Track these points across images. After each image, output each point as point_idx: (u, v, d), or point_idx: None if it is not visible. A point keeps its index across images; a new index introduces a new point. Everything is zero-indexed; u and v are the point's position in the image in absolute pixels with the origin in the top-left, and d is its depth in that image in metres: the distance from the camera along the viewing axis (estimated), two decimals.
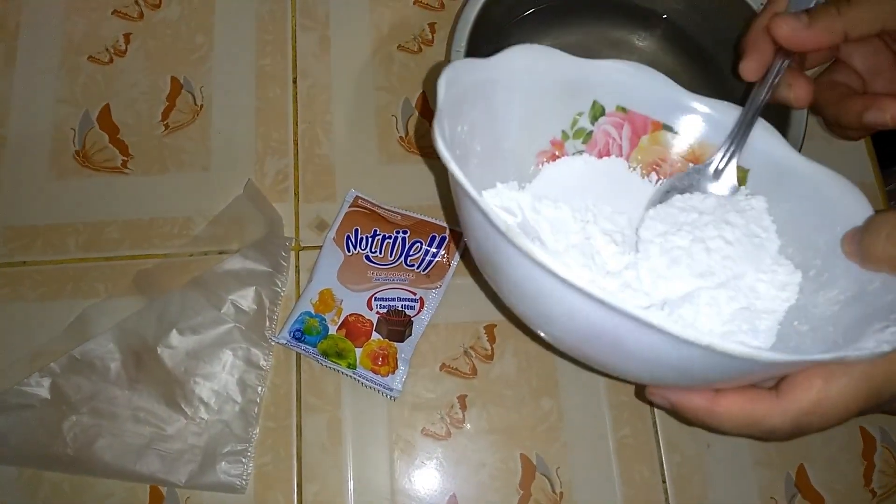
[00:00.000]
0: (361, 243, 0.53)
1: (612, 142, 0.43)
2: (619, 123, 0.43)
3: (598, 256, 0.40)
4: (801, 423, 0.31)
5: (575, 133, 0.43)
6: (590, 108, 0.42)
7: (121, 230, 0.55)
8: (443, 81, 0.36)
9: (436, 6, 0.63)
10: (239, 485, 0.49)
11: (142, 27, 0.61)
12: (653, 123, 0.42)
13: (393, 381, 0.50)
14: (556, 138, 0.43)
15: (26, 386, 0.49)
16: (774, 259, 0.39)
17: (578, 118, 0.42)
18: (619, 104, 0.42)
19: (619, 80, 0.41)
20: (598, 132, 0.43)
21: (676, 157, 0.42)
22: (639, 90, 0.41)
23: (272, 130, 0.58)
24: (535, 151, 0.43)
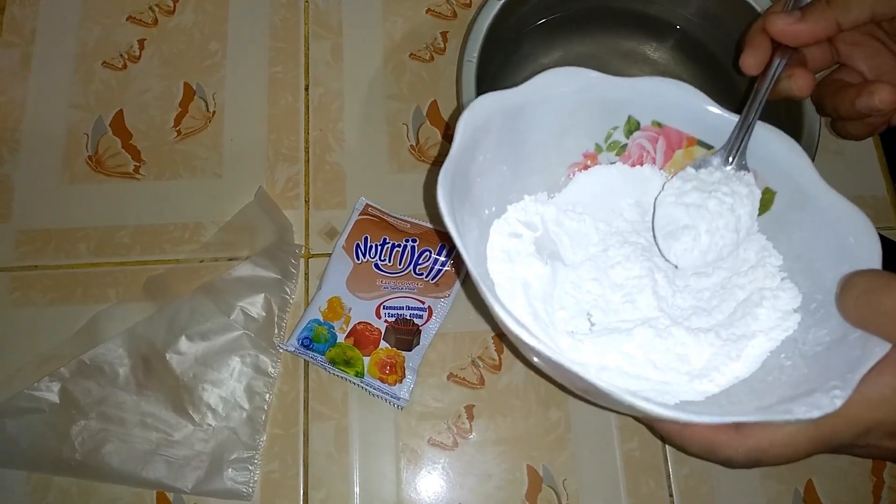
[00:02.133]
0: (371, 251, 0.53)
1: (645, 154, 0.43)
2: (654, 137, 0.43)
3: (612, 270, 0.40)
4: (753, 458, 0.33)
5: (609, 146, 0.43)
6: (625, 122, 0.42)
7: (132, 235, 0.56)
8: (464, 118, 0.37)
9: (448, 15, 0.63)
10: (245, 492, 0.49)
11: (156, 33, 0.62)
12: (687, 139, 0.42)
13: (400, 389, 0.50)
14: (589, 151, 0.43)
15: (36, 390, 0.50)
16: (780, 284, 0.39)
17: (613, 132, 0.43)
18: (655, 119, 0.42)
19: (655, 97, 0.41)
20: (633, 145, 0.43)
21: None
22: (675, 106, 0.41)
23: (284, 137, 0.59)
24: (568, 164, 0.43)
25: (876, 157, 0.59)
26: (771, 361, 0.37)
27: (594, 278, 0.40)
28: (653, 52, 0.60)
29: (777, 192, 0.40)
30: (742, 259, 0.41)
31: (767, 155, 0.40)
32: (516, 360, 0.53)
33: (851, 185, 0.58)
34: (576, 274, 0.41)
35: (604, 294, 0.40)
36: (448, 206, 0.34)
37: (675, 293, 0.41)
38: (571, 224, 0.42)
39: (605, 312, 0.40)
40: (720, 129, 0.41)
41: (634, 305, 0.40)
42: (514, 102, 0.39)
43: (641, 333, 0.38)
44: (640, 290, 0.40)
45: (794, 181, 0.39)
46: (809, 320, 0.37)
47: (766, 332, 0.38)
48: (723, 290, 0.41)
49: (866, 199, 0.58)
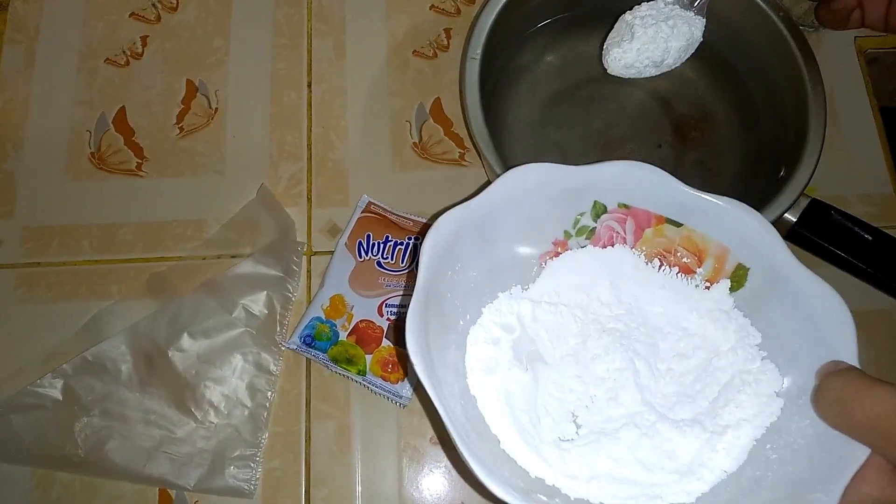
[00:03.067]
0: (373, 249, 0.53)
1: (615, 235, 0.43)
2: (622, 219, 0.42)
3: (593, 364, 0.40)
4: None
5: (577, 231, 0.43)
6: (591, 207, 0.42)
7: (135, 232, 0.56)
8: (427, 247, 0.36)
9: (452, 12, 0.63)
10: (247, 489, 0.49)
11: (159, 30, 0.62)
12: (656, 217, 0.42)
13: (402, 388, 0.50)
14: (559, 239, 0.43)
15: (39, 387, 0.50)
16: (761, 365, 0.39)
17: (580, 217, 0.42)
18: (621, 201, 0.42)
19: (619, 181, 0.41)
20: (602, 228, 0.43)
21: (681, 249, 0.42)
22: (639, 188, 0.41)
23: (286, 135, 0.59)
24: (538, 254, 0.43)
25: (882, 155, 0.59)
26: (757, 453, 0.37)
27: (576, 375, 0.40)
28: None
29: (750, 269, 0.40)
30: (721, 339, 0.41)
31: (740, 232, 0.39)
32: None
33: (857, 183, 0.58)
34: (557, 373, 0.40)
35: (587, 391, 0.40)
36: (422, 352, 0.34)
37: (658, 379, 0.41)
38: (548, 317, 0.41)
39: (590, 411, 0.40)
40: (687, 205, 0.40)
41: (618, 402, 0.40)
42: (477, 213, 0.39)
43: (628, 434, 0.38)
44: (623, 384, 0.40)
45: (767, 259, 0.39)
46: (792, 407, 0.36)
47: (750, 420, 0.37)
48: (704, 373, 0.40)
49: (872, 196, 0.57)
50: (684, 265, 0.42)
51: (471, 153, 0.58)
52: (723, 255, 0.41)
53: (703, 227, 0.41)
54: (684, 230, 0.41)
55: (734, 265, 0.40)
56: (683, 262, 0.42)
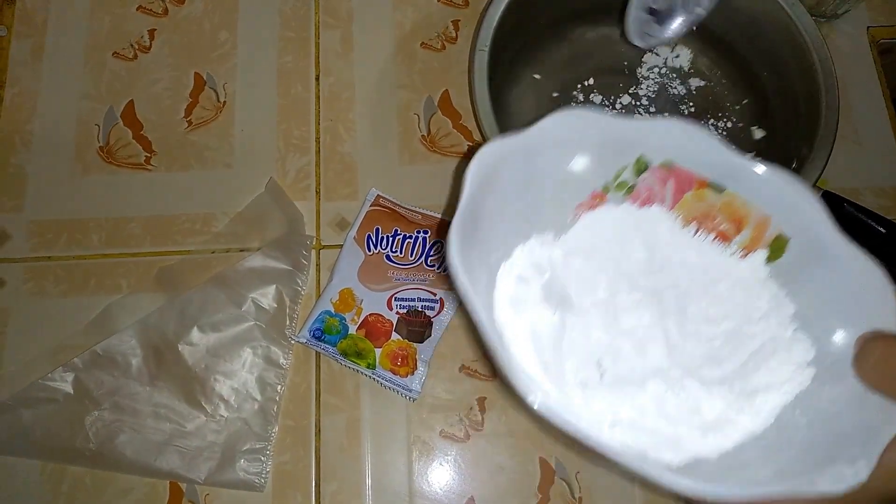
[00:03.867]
0: (382, 243, 0.53)
1: (654, 195, 0.43)
2: (664, 178, 0.42)
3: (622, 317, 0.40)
4: None
5: (617, 186, 0.42)
6: (634, 163, 0.41)
7: (143, 226, 0.56)
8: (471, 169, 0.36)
9: (460, 3, 0.62)
10: (258, 483, 0.49)
11: (166, 23, 0.62)
12: (698, 181, 0.41)
13: (412, 381, 0.50)
14: (597, 191, 0.42)
15: (50, 381, 0.50)
16: (793, 335, 0.38)
17: (622, 172, 0.42)
18: (665, 160, 0.41)
19: (666, 138, 0.40)
20: (641, 186, 0.42)
21: (720, 215, 0.42)
22: (686, 148, 0.40)
23: (294, 128, 0.58)
24: (575, 204, 0.43)
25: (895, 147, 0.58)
26: (785, 417, 0.36)
27: (603, 325, 0.40)
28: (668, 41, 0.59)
29: (790, 239, 0.39)
30: (753, 306, 0.40)
31: (785, 201, 0.39)
32: None
33: (870, 176, 0.57)
34: (584, 321, 0.40)
35: (613, 342, 0.40)
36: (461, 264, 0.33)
37: (686, 339, 0.40)
38: (579, 266, 0.41)
39: (615, 361, 0.39)
40: (733, 171, 0.40)
41: (644, 354, 0.39)
42: (522, 147, 0.38)
43: (654, 386, 0.38)
44: (651, 338, 0.40)
45: (810, 230, 0.38)
46: (825, 376, 0.36)
47: (779, 386, 0.37)
48: (734, 338, 0.40)
49: (885, 189, 0.57)
50: (722, 232, 0.41)
51: None
52: (764, 224, 0.40)
53: (746, 194, 0.40)
54: (726, 195, 0.41)
55: (774, 234, 0.40)
56: (721, 228, 0.41)
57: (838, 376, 0.35)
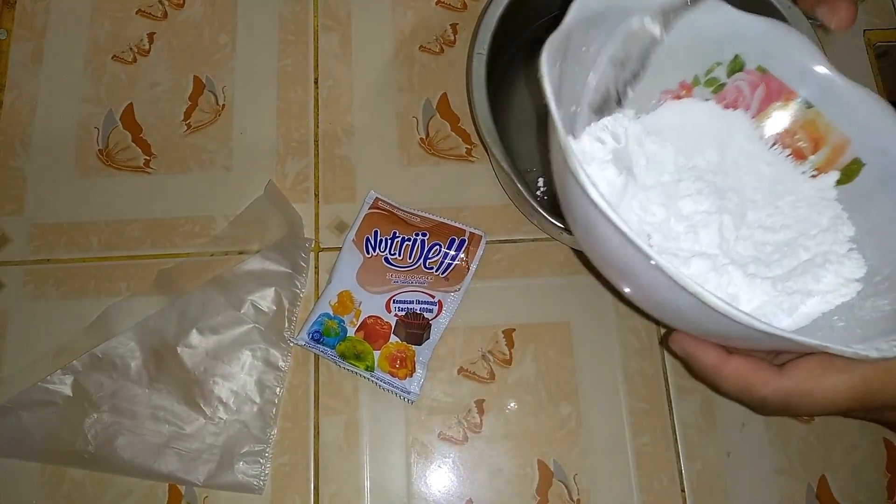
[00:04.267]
0: (381, 245, 0.53)
1: (741, 99, 0.42)
2: (755, 83, 0.41)
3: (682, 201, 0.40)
4: (789, 402, 0.33)
5: (707, 81, 0.42)
6: (730, 61, 0.41)
7: (143, 229, 0.56)
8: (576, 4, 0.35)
9: (458, 7, 0.62)
10: (256, 485, 0.49)
11: (165, 27, 0.62)
12: (788, 92, 0.41)
13: (410, 384, 0.50)
14: (685, 81, 0.42)
15: (49, 383, 0.50)
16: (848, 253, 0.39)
17: (715, 67, 0.41)
18: (761, 64, 0.41)
19: (767, 40, 0.40)
20: (731, 87, 0.42)
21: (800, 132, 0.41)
22: (785, 55, 0.40)
23: (293, 131, 0.59)
24: (662, 88, 0.42)
25: None
26: (821, 321, 0.37)
27: (662, 203, 0.39)
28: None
29: (866, 165, 0.39)
30: (813, 222, 0.40)
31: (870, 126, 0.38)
32: (527, 355, 0.53)
33: None
34: (644, 195, 0.40)
35: (668, 220, 0.40)
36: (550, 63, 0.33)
37: (739, 239, 0.40)
38: (652, 147, 0.41)
39: (666, 238, 0.39)
40: (827, 90, 0.39)
41: (696, 238, 0.39)
42: (632, 4, 0.38)
43: (698, 264, 0.38)
44: (706, 224, 0.40)
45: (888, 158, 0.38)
46: (870, 290, 0.36)
47: (822, 295, 0.37)
48: (787, 248, 0.40)
49: None
50: (798, 149, 0.41)
51: (478, 149, 0.58)
52: (842, 146, 0.40)
53: (832, 115, 0.40)
54: (811, 113, 0.40)
55: (851, 158, 0.40)
56: (799, 145, 0.41)
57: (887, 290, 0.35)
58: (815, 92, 0.40)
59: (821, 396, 0.33)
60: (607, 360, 0.53)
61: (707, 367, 0.36)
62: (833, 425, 0.51)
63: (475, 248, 0.53)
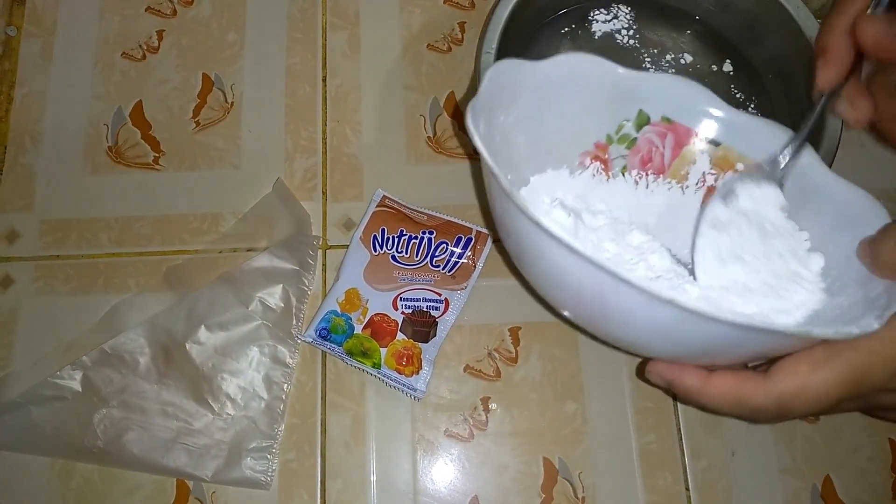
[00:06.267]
0: (388, 243, 0.54)
1: (654, 149, 0.44)
2: (663, 133, 0.44)
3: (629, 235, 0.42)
4: (783, 404, 0.33)
5: (619, 138, 0.44)
6: (635, 116, 0.43)
7: (152, 226, 0.56)
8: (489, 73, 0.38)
9: (466, 5, 0.63)
10: (264, 480, 0.49)
11: (174, 24, 0.62)
12: (695, 134, 0.43)
13: (417, 381, 0.50)
14: (600, 141, 0.44)
15: (59, 378, 0.50)
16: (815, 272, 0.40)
17: (624, 124, 0.44)
18: (664, 115, 0.43)
19: (666, 93, 0.43)
20: (642, 139, 0.44)
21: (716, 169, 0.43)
22: (684, 103, 0.43)
23: (301, 129, 0.59)
24: (579, 151, 0.44)
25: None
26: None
27: (612, 240, 0.42)
28: (672, 42, 0.59)
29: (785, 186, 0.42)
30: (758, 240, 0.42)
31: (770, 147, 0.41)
32: (532, 353, 0.53)
33: (875, 179, 0.57)
34: (595, 234, 0.42)
35: (620, 254, 0.42)
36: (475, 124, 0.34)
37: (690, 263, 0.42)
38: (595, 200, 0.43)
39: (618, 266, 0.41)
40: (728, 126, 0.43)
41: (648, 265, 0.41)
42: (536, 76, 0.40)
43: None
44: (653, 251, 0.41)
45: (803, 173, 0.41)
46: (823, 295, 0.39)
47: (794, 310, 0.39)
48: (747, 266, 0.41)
49: (890, 192, 0.57)
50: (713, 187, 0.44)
51: None
52: None
53: (740, 146, 0.43)
54: (721, 149, 0.44)
55: None
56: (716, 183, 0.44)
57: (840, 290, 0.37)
58: (719, 129, 0.43)
59: (813, 393, 0.32)
60: (613, 359, 0.53)
61: (691, 391, 0.35)
62: (838, 425, 0.51)
63: (482, 247, 0.54)
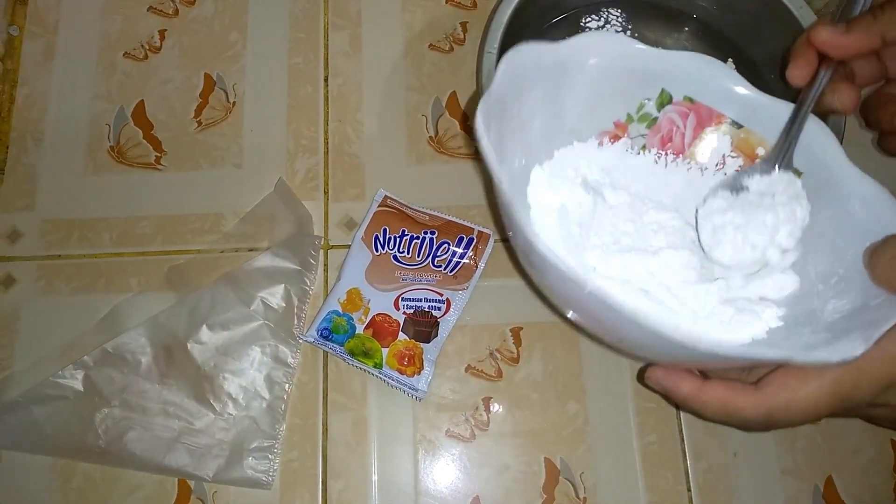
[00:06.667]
0: (389, 243, 0.54)
1: (675, 129, 0.44)
2: (685, 113, 0.43)
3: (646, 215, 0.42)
4: (772, 417, 0.34)
5: (640, 117, 0.44)
6: (657, 95, 0.43)
7: (154, 225, 0.56)
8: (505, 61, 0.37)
9: (468, 5, 0.63)
10: (265, 480, 0.50)
11: (176, 24, 0.62)
12: (718, 115, 0.43)
13: (418, 381, 0.50)
14: (620, 120, 0.44)
15: (60, 378, 0.50)
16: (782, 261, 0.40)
17: (645, 103, 0.44)
18: (687, 94, 0.43)
19: (689, 72, 0.42)
20: (663, 119, 0.44)
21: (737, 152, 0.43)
22: (708, 83, 0.42)
23: (303, 128, 0.59)
24: (598, 130, 0.44)
25: None
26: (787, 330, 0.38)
27: (630, 219, 0.42)
28: (672, 42, 0.59)
29: (804, 174, 0.41)
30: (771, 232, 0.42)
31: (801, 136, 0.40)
32: (534, 353, 0.53)
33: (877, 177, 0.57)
34: (613, 213, 0.42)
35: (638, 231, 0.42)
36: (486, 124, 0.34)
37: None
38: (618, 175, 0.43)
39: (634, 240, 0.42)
40: (752, 108, 0.42)
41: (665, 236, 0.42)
42: (554, 57, 0.40)
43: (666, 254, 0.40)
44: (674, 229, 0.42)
45: (822, 163, 0.40)
46: (830, 293, 0.38)
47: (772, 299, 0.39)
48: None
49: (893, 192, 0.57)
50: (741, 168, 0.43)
51: None
52: None
53: (762, 131, 0.42)
54: (743, 132, 0.43)
55: None
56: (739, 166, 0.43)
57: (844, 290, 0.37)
58: (742, 112, 0.43)
59: (800, 407, 0.33)
60: (614, 359, 0.53)
61: (685, 398, 0.37)
62: (840, 426, 0.51)
63: (483, 247, 0.53)
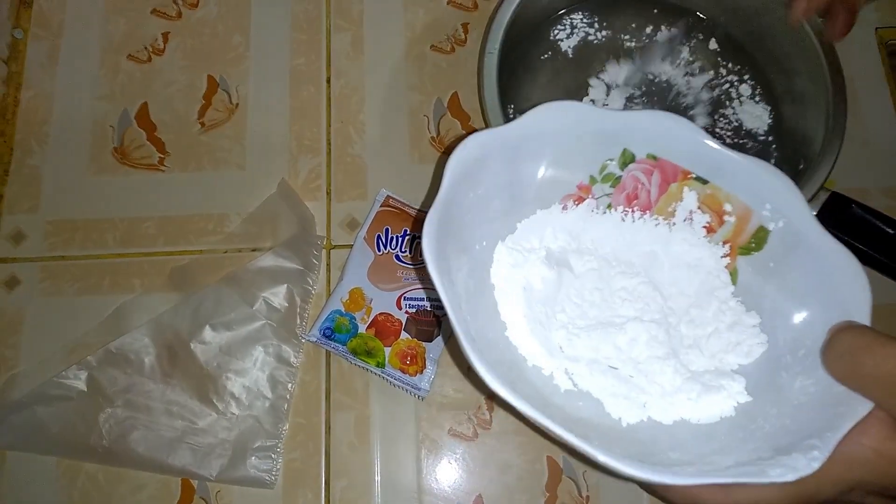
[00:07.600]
0: (392, 243, 0.54)
1: (640, 186, 0.43)
2: (649, 170, 0.42)
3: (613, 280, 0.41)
4: None
5: (603, 178, 0.43)
6: (620, 155, 0.42)
7: (157, 226, 0.57)
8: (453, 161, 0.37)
9: (469, 6, 0.63)
10: (268, 480, 0.50)
11: (180, 26, 0.62)
12: (682, 172, 0.42)
13: (421, 380, 0.50)
14: (583, 183, 0.43)
15: (64, 378, 0.51)
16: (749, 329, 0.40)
17: (608, 164, 0.42)
18: (650, 152, 0.42)
19: (651, 131, 0.41)
20: (627, 177, 0.43)
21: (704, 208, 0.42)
22: (670, 139, 0.41)
23: (306, 129, 0.59)
24: (561, 195, 0.43)
25: None
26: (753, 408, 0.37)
27: (598, 287, 0.41)
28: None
29: (771, 232, 0.40)
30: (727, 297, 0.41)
31: (765, 193, 0.39)
32: None
33: (878, 176, 0.57)
34: (580, 282, 0.41)
35: (605, 300, 0.41)
36: (434, 253, 0.34)
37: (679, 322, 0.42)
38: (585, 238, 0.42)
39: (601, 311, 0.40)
40: (717, 164, 0.40)
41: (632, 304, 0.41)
42: (506, 140, 0.39)
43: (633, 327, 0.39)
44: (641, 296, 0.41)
45: (790, 222, 0.39)
46: (797, 367, 0.36)
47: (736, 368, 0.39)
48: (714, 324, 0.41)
49: (894, 190, 0.57)
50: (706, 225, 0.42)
51: None
52: (746, 216, 0.40)
53: (729, 186, 0.41)
54: (710, 188, 0.41)
55: (756, 227, 0.40)
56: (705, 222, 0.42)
57: (811, 367, 0.35)
58: (708, 168, 0.41)
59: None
60: None
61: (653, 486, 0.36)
62: None
63: None
